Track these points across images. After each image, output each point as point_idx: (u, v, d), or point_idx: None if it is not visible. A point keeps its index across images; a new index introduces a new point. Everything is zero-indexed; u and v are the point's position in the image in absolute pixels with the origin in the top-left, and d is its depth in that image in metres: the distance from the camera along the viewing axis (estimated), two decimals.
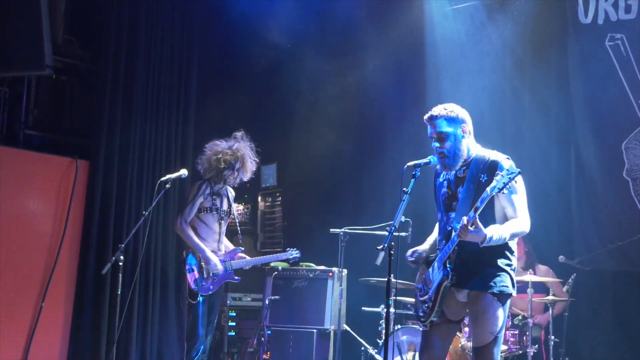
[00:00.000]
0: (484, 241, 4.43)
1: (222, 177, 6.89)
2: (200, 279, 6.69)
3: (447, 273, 4.61)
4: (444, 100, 5.10)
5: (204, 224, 6.88)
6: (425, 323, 4.78)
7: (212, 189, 6.89)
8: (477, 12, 8.57)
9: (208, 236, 6.87)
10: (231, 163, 6.86)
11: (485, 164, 4.70)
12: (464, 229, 4.38)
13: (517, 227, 4.60)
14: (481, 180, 4.63)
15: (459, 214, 4.64)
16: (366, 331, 7.88)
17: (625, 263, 7.42)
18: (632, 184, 7.61)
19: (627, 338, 7.33)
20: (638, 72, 7.61)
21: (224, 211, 6.94)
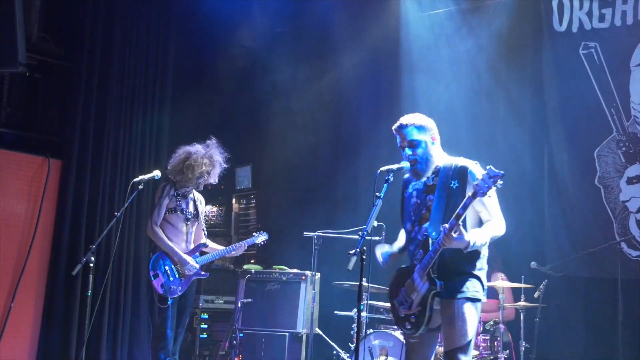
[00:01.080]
0: (467, 247, 4.44)
1: (192, 182, 6.88)
2: (167, 282, 6.65)
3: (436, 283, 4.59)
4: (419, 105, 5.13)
5: (170, 224, 6.84)
6: (415, 335, 4.76)
7: (176, 190, 6.88)
8: (452, 17, 8.61)
9: (175, 236, 6.84)
10: (208, 172, 6.89)
11: (454, 171, 4.71)
12: (448, 237, 4.38)
13: (496, 230, 4.63)
14: (452, 187, 4.64)
15: (433, 222, 4.63)
16: (338, 335, 7.87)
17: (596, 270, 7.48)
18: (604, 192, 7.68)
19: (598, 344, 7.39)
20: (611, 81, 7.69)
21: (189, 212, 6.92)
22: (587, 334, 7.52)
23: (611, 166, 7.65)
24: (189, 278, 6.78)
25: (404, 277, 4.81)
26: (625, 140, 7.58)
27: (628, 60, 7.59)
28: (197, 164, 6.82)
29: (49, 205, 7.93)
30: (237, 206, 10.53)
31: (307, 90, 9.59)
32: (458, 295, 4.59)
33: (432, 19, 8.70)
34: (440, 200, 4.68)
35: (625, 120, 7.59)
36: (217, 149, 6.99)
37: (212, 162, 6.90)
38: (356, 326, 4.69)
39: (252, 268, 8.49)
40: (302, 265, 8.16)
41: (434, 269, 4.59)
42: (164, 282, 6.67)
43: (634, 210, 7.48)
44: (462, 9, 8.54)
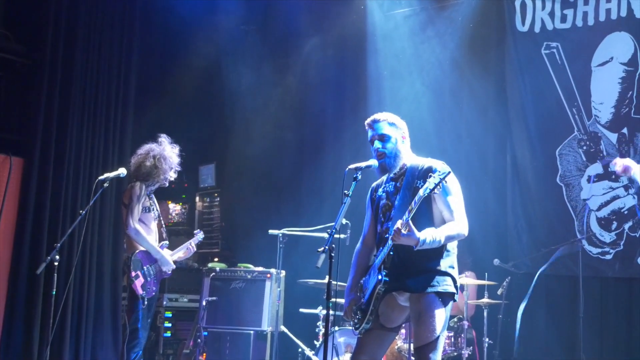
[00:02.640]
0: (418, 244, 4.45)
1: (159, 178, 6.78)
2: (146, 283, 6.58)
3: (381, 278, 4.62)
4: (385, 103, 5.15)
5: (144, 224, 6.73)
6: (359, 329, 4.77)
7: (148, 189, 6.79)
8: (417, 16, 8.68)
9: (149, 235, 6.71)
10: (171, 164, 6.79)
11: (420, 171, 4.72)
12: (397, 232, 4.40)
13: (453, 230, 4.61)
14: (418, 186, 4.64)
15: (394, 220, 4.65)
16: (303, 333, 7.88)
17: (558, 267, 7.58)
18: (566, 190, 7.79)
19: (560, 340, 7.51)
20: (572, 81, 7.81)
21: (157, 210, 6.86)
22: (549, 330, 7.63)
23: (572, 165, 7.76)
24: (160, 278, 6.73)
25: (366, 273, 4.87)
26: (586, 140, 7.70)
27: (589, 60, 7.72)
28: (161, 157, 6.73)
29: (11, 204, 7.81)
30: (201, 204, 10.49)
31: (272, 88, 9.59)
32: (427, 289, 4.60)
33: (397, 18, 8.76)
34: (404, 200, 4.68)
35: (587, 119, 7.70)
36: (171, 144, 6.90)
37: (171, 154, 6.81)
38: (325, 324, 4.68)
39: (216, 266, 8.47)
40: (267, 263, 8.16)
41: (386, 264, 4.61)
42: (143, 282, 6.58)
43: (594, 209, 7.60)
44: (426, 8, 8.61)
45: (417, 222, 4.45)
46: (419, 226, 4.44)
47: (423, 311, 4.58)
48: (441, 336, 4.60)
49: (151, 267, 6.64)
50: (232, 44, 9.68)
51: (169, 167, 6.79)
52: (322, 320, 7.23)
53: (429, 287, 4.60)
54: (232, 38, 9.60)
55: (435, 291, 4.61)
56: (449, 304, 4.68)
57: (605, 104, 7.63)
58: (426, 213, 4.63)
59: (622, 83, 7.53)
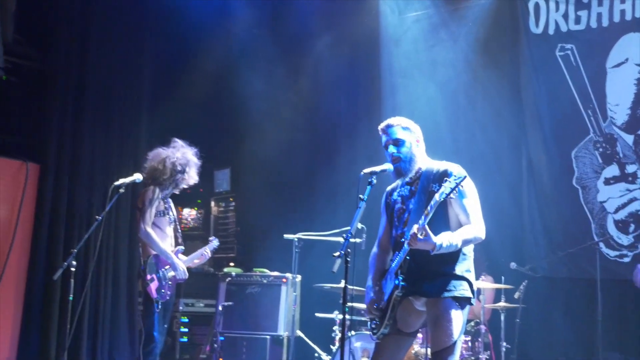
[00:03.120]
0: (434, 249, 4.44)
1: (174, 181, 6.78)
2: (161, 286, 6.58)
3: (397, 283, 4.60)
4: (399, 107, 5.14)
5: (159, 228, 6.73)
6: (377, 334, 4.76)
7: (162, 193, 6.79)
8: (431, 19, 8.66)
9: (163, 240, 6.73)
10: (183, 167, 6.77)
11: (436, 174, 4.70)
12: (413, 237, 4.38)
13: (470, 234, 4.59)
14: (433, 190, 4.62)
15: (410, 224, 4.63)
16: (320, 337, 7.87)
17: (575, 270, 7.55)
18: (582, 192, 7.75)
19: (578, 343, 7.46)
20: (587, 82, 7.77)
21: (173, 214, 6.86)
22: (567, 334, 7.58)
23: (589, 167, 7.72)
24: (175, 282, 6.73)
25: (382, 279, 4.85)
26: (602, 141, 7.66)
27: (604, 61, 7.68)
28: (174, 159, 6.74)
29: (28, 210, 7.85)
30: (216, 209, 10.51)
31: (285, 91, 9.59)
32: (444, 294, 4.59)
33: (410, 21, 8.75)
34: (419, 204, 4.67)
35: (602, 121, 7.66)
36: (187, 147, 6.90)
37: (188, 160, 6.81)
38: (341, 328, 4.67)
39: (232, 271, 8.48)
40: (283, 268, 8.16)
41: (402, 269, 4.60)
42: (158, 286, 6.58)
43: (611, 211, 7.56)
44: (440, 11, 8.59)
45: (434, 226, 4.43)
46: (435, 230, 4.43)
47: (440, 316, 4.56)
48: (458, 341, 4.58)
49: (166, 271, 6.63)
50: (244, 48, 9.69)
51: (183, 171, 6.79)
52: (338, 325, 7.21)
53: (445, 292, 4.58)
54: (245, 41, 9.61)
55: (452, 296, 4.59)
56: (466, 308, 4.66)
57: (621, 106, 7.59)
58: (442, 217, 4.61)
59: (638, 84, 7.49)
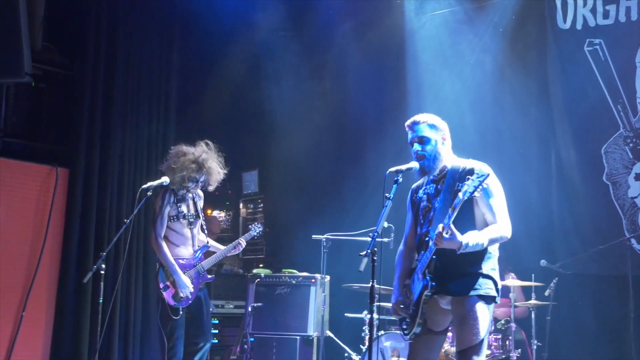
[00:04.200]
0: (460, 248, 4.42)
1: (184, 187, 6.76)
2: (176, 293, 6.60)
3: (426, 282, 4.59)
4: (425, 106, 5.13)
5: (175, 232, 6.75)
6: (409, 335, 4.75)
7: (175, 196, 6.78)
8: (456, 17, 8.62)
9: (181, 243, 6.77)
10: (195, 178, 6.74)
11: (461, 173, 4.69)
12: (439, 237, 4.37)
13: (496, 233, 4.57)
14: (458, 189, 4.61)
15: (435, 223, 4.63)
16: (349, 337, 7.87)
17: (606, 267, 7.47)
18: (612, 188, 7.67)
19: (610, 341, 7.38)
20: (617, 77, 7.69)
21: (191, 215, 6.82)
22: (598, 331, 7.50)
23: (619, 162, 7.64)
24: (197, 284, 6.71)
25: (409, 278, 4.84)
26: (633, 137, 7.57)
27: (633, 56, 7.60)
28: (187, 170, 6.70)
29: (58, 214, 7.93)
30: (245, 211, 10.53)
31: (312, 92, 9.59)
32: (470, 292, 4.57)
33: (436, 19, 8.71)
34: (445, 203, 4.66)
35: (632, 116, 7.58)
36: (210, 152, 6.85)
37: (201, 167, 6.74)
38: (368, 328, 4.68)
39: (261, 272, 8.50)
40: (312, 268, 8.17)
41: (430, 268, 4.59)
42: (174, 293, 6.59)
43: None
44: (465, 9, 8.55)
45: (459, 225, 4.42)
46: (461, 229, 4.42)
47: (466, 314, 4.55)
48: (485, 339, 4.56)
49: (186, 275, 6.65)
50: (271, 50, 9.71)
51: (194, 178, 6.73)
52: (367, 325, 7.20)
53: (471, 291, 4.57)
54: (271, 44, 9.63)
55: (477, 294, 4.58)
56: (492, 306, 4.65)
57: None
58: (468, 215, 4.60)
59: None
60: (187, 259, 6.78)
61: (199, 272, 6.77)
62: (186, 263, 6.75)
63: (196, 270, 6.77)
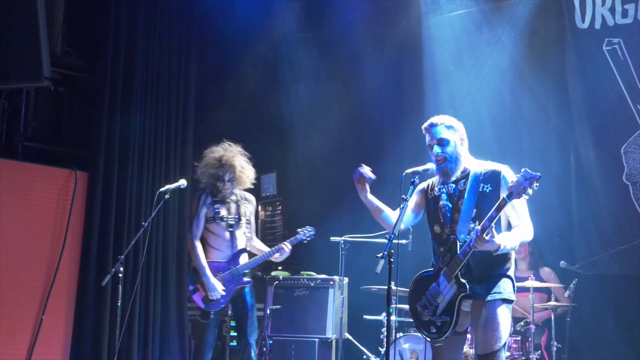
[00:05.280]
0: (498, 250, 4.42)
1: (215, 187, 6.79)
2: (208, 295, 6.57)
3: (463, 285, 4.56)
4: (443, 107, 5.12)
5: (213, 234, 6.73)
6: (440, 340, 4.72)
7: (213, 197, 6.79)
8: (473, 18, 8.59)
9: (219, 245, 6.75)
10: (219, 175, 6.75)
11: (485, 175, 4.70)
12: (480, 239, 4.36)
13: (525, 235, 4.62)
14: (485, 191, 4.63)
15: (462, 225, 4.62)
16: (368, 339, 7.87)
17: (627, 267, 7.43)
18: (632, 188, 7.61)
19: (631, 342, 7.32)
20: (636, 76, 7.63)
21: (231, 218, 6.79)
22: (618, 332, 7.46)
23: (638, 162, 7.58)
24: (231, 288, 6.67)
25: (427, 281, 4.79)
26: None
27: None
28: (209, 168, 6.77)
29: (77, 217, 7.97)
30: (264, 213, 10.55)
31: (329, 94, 9.59)
32: (493, 296, 4.57)
33: (454, 20, 8.69)
34: (470, 204, 4.67)
35: None
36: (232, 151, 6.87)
37: (223, 164, 6.75)
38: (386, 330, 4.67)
39: (279, 275, 8.50)
40: (330, 271, 8.17)
41: (462, 272, 4.57)
42: (204, 296, 6.57)
43: None
44: (482, 9, 8.52)
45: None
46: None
47: (490, 318, 4.55)
48: (507, 342, 4.57)
49: (220, 279, 6.61)
50: (288, 52, 9.73)
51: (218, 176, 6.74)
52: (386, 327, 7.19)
53: (495, 294, 4.57)
54: (289, 45, 9.65)
55: (502, 298, 4.58)
56: (511, 307, 4.66)
57: None
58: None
59: None
60: (223, 262, 6.75)
61: (234, 276, 6.73)
62: (221, 265, 6.72)
63: (230, 273, 6.72)
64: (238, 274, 6.74)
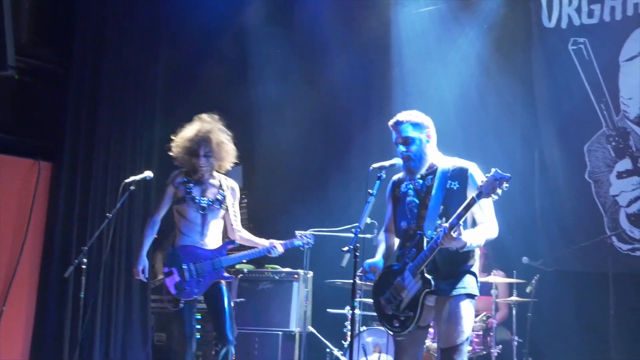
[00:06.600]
0: (464, 247, 4.45)
1: (190, 165, 6.18)
2: (182, 282, 5.98)
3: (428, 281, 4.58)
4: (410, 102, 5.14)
5: (181, 216, 6.11)
6: (404, 333, 4.74)
7: (189, 177, 6.19)
8: (442, 14, 8.63)
9: (189, 230, 6.11)
10: (193, 149, 6.15)
11: (453, 171, 4.73)
12: (448, 236, 4.38)
13: (490, 233, 4.65)
14: (452, 188, 4.66)
15: (429, 221, 4.65)
16: (332, 333, 7.88)
17: (588, 263, 7.53)
18: (594, 186, 7.72)
19: (590, 337, 7.42)
20: (600, 76, 7.74)
21: (205, 201, 6.13)
22: (579, 328, 7.55)
23: (601, 161, 7.69)
24: (209, 279, 6.05)
25: (392, 275, 4.80)
26: (615, 135, 7.62)
27: (617, 55, 7.64)
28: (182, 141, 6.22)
29: (40, 208, 7.88)
30: None
31: (298, 88, 9.57)
32: (457, 292, 4.60)
33: (422, 17, 8.72)
34: (437, 201, 4.69)
35: (615, 114, 7.63)
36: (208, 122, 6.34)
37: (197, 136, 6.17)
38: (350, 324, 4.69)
39: (244, 267, 8.47)
40: (295, 264, 8.16)
41: (428, 268, 4.60)
42: (178, 281, 6.00)
43: (624, 205, 7.52)
44: (451, 7, 8.57)
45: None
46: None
47: (453, 312, 4.58)
48: (469, 337, 4.61)
49: (196, 266, 6.03)
50: (257, 45, 9.69)
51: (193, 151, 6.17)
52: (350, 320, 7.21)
53: (461, 289, 4.61)
54: (257, 39, 9.61)
55: (465, 292, 4.62)
56: (474, 302, 4.70)
57: (634, 99, 7.56)
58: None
59: None
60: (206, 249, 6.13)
61: (214, 267, 6.09)
62: (204, 253, 6.10)
63: (212, 262, 6.08)
64: (220, 267, 6.11)
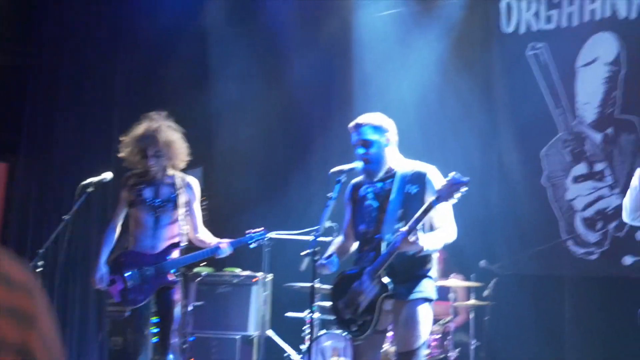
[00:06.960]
0: (421, 251, 4.47)
1: (141, 166, 5.95)
2: (125, 289, 5.78)
3: (390, 287, 4.58)
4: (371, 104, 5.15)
5: (135, 221, 5.86)
6: (361, 338, 4.74)
7: (140, 178, 5.97)
8: (404, 18, 8.65)
9: (140, 234, 5.85)
10: (141, 149, 5.91)
11: (413, 175, 4.74)
12: (405, 240, 4.39)
13: (448, 237, 4.68)
14: (410, 192, 4.67)
15: (387, 225, 4.65)
16: (290, 337, 7.85)
17: (545, 267, 7.60)
18: (551, 190, 7.79)
19: (547, 340, 7.49)
20: (557, 81, 7.82)
21: (158, 201, 5.87)
22: (536, 331, 7.61)
23: (557, 165, 7.77)
24: (153, 285, 5.82)
25: (349, 279, 4.80)
26: (571, 140, 7.70)
27: (574, 61, 7.72)
28: (130, 143, 5.99)
29: None
30: None
31: (259, 89, 9.53)
32: (415, 296, 4.61)
33: (383, 20, 8.74)
34: (396, 204, 4.70)
35: (571, 120, 7.71)
36: (157, 122, 6.08)
37: (144, 136, 5.89)
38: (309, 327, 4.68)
39: (202, 270, 8.41)
40: (254, 267, 8.12)
41: (385, 272, 4.60)
42: (121, 289, 5.81)
43: (579, 209, 7.60)
44: (412, 11, 8.59)
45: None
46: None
47: (410, 317, 4.60)
48: (427, 340, 4.63)
49: (139, 272, 5.80)
50: (218, 46, 9.63)
51: (144, 155, 5.93)
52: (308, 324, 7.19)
53: (418, 293, 4.62)
54: (219, 39, 9.55)
55: (423, 297, 4.63)
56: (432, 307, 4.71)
57: (590, 104, 7.63)
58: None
59: (607, 83, 7.53)
60: (150, 254, 5.85)
61: (158, 272, 5.81)
62: (147, 258, 5.82)
63: (156, 267, 5.80)
64: (163, 271, 5.83)
